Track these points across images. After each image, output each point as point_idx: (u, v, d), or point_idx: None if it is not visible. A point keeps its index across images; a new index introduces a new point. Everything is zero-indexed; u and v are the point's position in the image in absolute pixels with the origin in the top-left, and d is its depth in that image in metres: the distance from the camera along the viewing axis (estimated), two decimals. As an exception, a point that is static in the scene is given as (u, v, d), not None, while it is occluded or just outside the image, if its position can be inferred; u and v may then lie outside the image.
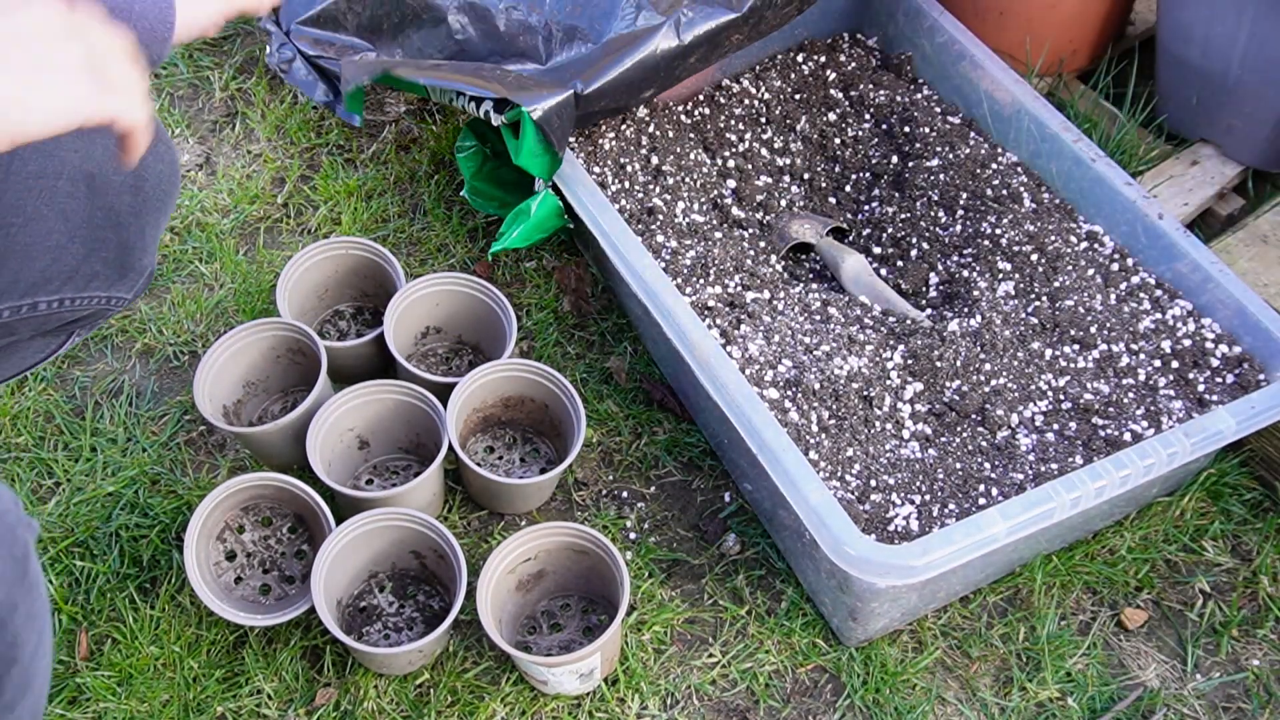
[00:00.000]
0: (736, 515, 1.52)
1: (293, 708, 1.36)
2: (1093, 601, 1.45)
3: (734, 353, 1.41)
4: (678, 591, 1.45)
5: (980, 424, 1.40)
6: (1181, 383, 1.42)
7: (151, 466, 1.55)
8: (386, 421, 1.50)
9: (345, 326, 1.70)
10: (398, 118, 1.94)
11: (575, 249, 1.79)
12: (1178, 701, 1.37)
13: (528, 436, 1.58)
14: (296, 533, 1.45)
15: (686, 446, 1.58)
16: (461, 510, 1.53)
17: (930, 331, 1.48)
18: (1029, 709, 1.36)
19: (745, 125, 1.77)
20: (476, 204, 1.70)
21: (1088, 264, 1.53)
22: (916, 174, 1.67)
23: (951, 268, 1.59)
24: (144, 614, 1.42)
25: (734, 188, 1.70)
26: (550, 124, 1.45)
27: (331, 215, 1.83)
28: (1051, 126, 1.60)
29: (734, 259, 1.55)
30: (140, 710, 1.35)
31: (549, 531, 1.34)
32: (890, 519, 1.30)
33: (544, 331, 1.69)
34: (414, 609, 1.41)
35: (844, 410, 1.38)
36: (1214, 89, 1.70)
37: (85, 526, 1.49)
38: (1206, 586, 1.46)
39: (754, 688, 1.38)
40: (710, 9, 1.51)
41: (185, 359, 1.68)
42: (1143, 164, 1.77)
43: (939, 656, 1.40)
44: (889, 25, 1.85)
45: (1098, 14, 1.83)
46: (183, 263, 1.78)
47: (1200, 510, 1.51)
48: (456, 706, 1.35)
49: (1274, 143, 1.69)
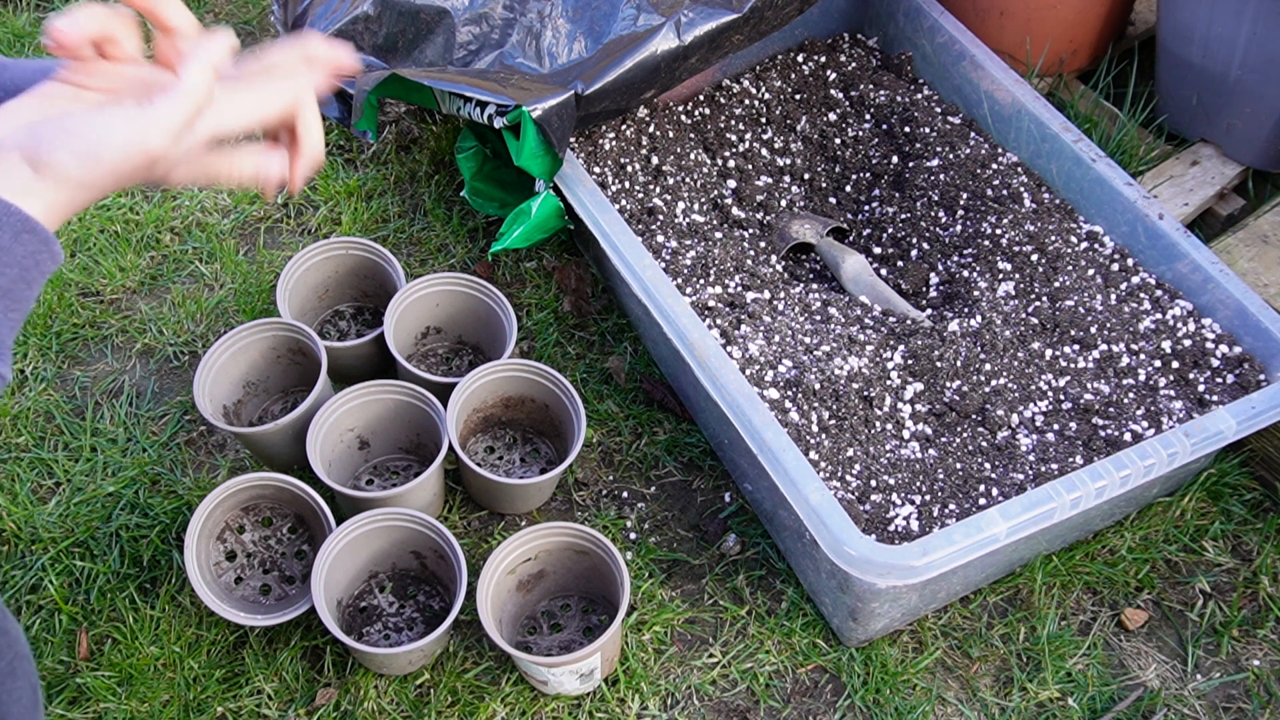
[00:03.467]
0: (736, 515, 1.52)
1: (293, 708, 1.36)
2: (1093, 601, 1.45)
3: (734, 353, 1.41)
4: (678, 591, 1.45)
5: (980, 424, 1.40)
6: (1182, 383, 1.42)
7: (151, 466, 1.55)
8: (386, 421, 1.50)
9: (345, 326, 1.70)
10: (398, 118, 1.94)
11: (575, 249, 1.79)
12: (1178, 702, 1.37)
13: (528, 436, 1.58)
14: (297, 533, 1.45)
15: (686, 446, 1.58)
16: (461, 510, 1.53)
17: (930, 331, 1.47)
18: (1029, 709, 1.36)
19: (745, 125, 1.77)
20: (476, 204, 1.70)
21: (1088, 264, 1.53)
22: (917, 174, 1.67)
23: (952, 268, 1.59)
24: (144, 614, 1.42)
25: (734, 188, 1.70)
26: (550, 124, 1.45)
27: (332, 215, 1.83)
28: (1052, 126, 1.60)
29: (734, 259, 1.55)
30: (140, 710, 1.35)
31: (549, 531, 1.34)
32: (890, 519, 1.30)
33: (544, 331, 1.69)
34: (414, 609, 1.41)
35: (844, 410, 1.38)
36: (1214, 89, 1.70)
37: (85, 526, 1.49)
38: (1207, 587, 1.46)
39: (754, 688, 1.38)
40: (710, 10, 1.51)
41: (185, 359, 1.68)
42: (1143, 164, 1.77)
43: (939, 657, 1.40)
44: (889, 25, 1.85)
45: (1098, 14, 1.83)
46: (183, 263, 1.78)
47: (1200, 510, 1.51)
48: (456, 707, 1.35)
49: (1274, 143, 1.69)
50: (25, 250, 0.67)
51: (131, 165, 0.68)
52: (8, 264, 0.66)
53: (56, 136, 0.67)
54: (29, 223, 0.67)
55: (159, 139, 0.68)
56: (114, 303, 1.74)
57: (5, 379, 0.69)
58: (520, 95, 1.45)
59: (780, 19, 1.58)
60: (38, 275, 0.69)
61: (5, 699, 0.90)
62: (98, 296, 1.75)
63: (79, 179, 0.67)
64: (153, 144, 0.68)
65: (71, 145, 0.67)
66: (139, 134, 0.67)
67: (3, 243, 0.66)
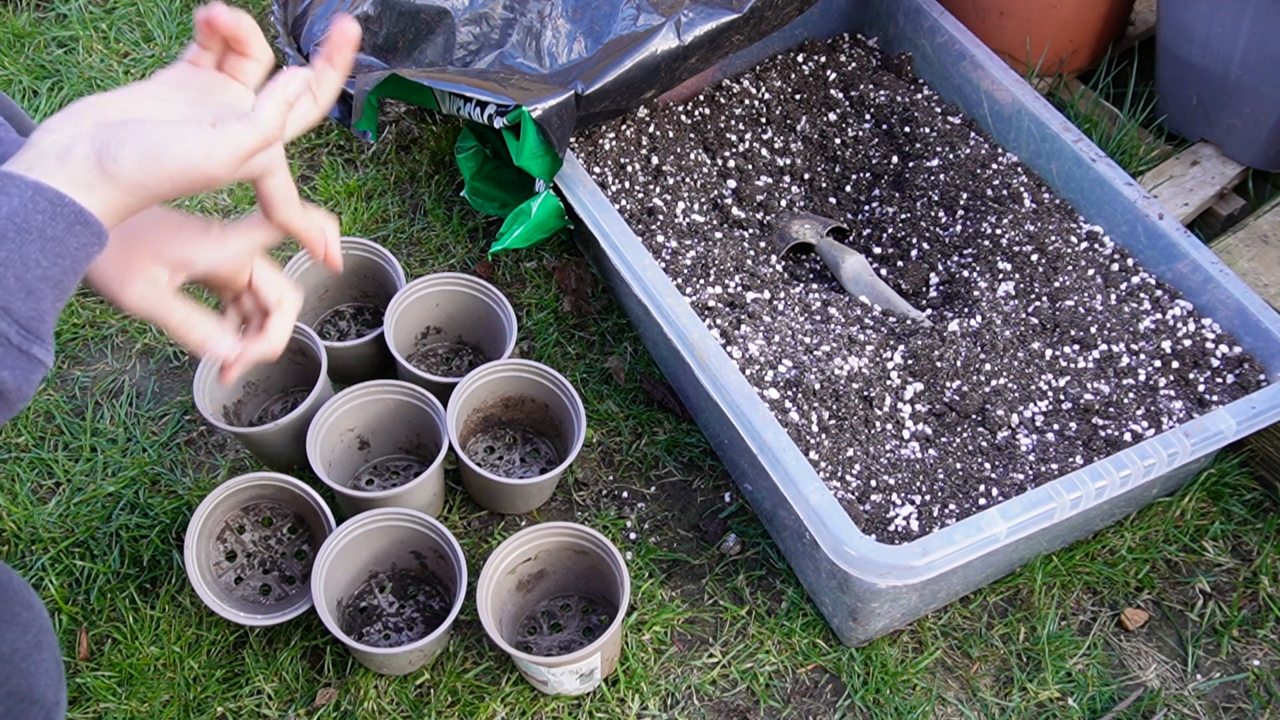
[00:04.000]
0: (736, 515, 1.52)
1: (293, 708, 1.36)
2: (1093, 602, 1.45)
3: (734, 353, 1.41)
4: (678, 591, 1.45)
5: (980, 424, 1.40)
6: (1182, 383, 1.42)
7: (151, 466, 1.55)
8: (386, 421, 1.50)
9: (345, 326, 1.70)
10: (398, 118, 1.94)
11: (575, 249, 1.79)
12: (1178, 702, 1.37)
13: (528, 436, 1.58)
14: (297, 533, 1.45)
15: (686, 446, 1.58)
16: (461, 510, 1.53)
17: (930, 331, 1.47)
18: (1029, 709, 1.36)
19: (745, 125, 1.77)
20: (476, 204, 1.70)
21: (1088, 264, 1.53)
22: (917, 174, 1.67)
23: (952, 268, 1.59)
24: (144, 614, 1.42)
25: (734, 188, 1.70)
26: (550, 124, 1.45)
27: (332, 215, 1.83)
28: (1052, 126, 1.60)
29: (734, 259, 1.55)
30: (140, 710, 1.35)
31: (549, 531, 1.34)
32: (890, 519, 1.30)
33: (544, 331, 1.69)
34: (414, 609, 1.41)
35: (844, 410, 1.38)
36: (1214, 89, 1.70)
37: (85, 526, 1.49)
38: (1207, 587, 1.46)
39: (754, 688, 1.38)
40: (711, 10, 1.51)
41: (185, 359, 1.68)
42: (1143, 164, 1.77)
43: (939, 657, 1.40)
44: (889, 25, 1.85)
45: (1098, 14, 1.83)
46: (183, 263, 1.78)
47: (1200, 510, 1.51)
48: (456, 707, 1.35)
49: (1274, 143, 1.69)
50: (78, 242, 0.69)
51: (188, 178, 0.70)
52: (60, 254, 0.69)
53: (131, 135, 0.69)
54: (83, 214, 0.69)
55: (221, 160, 0.70)
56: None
57: (48, 366, 0.72)
58: (520, 95, 1.45)
59: (780, 19, 1.58)
60: (85, 267, 0.71)
61: (33, 670, 0.91)
62: (98, 296, 1.75)
63: (138, 179, 0.69)
64: (214, 162, 0.70)
65: (139, 144, 0.69)
66: (204, 149, 0.69)
67: (57, 233, 0.68)
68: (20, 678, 0.89)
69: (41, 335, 0.70)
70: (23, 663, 0.90)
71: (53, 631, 0.95)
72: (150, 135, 0.69)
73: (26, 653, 0.90)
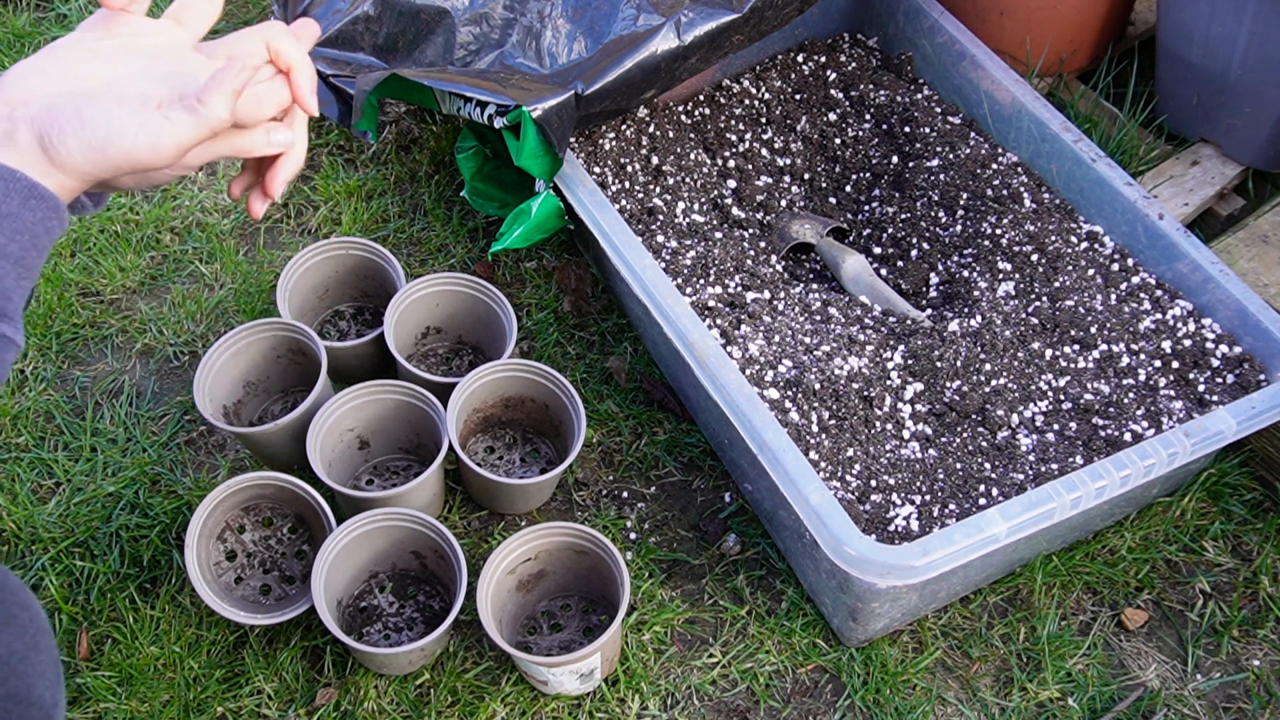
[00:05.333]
0: (736, 515, 1.52)
1: (293, 708, 1.36)
2: (1093, 601, 1.45)
3: (734, 353, 1.41)
4: (678, 591, 1.45)
5: (980, 424, 1.40)
6: (1182, 383, 1.42)
7: (151, 466, 1.55)
8: (386, 421, 1.50)
9: (345, 326, 1.70)
10: (398, 118, 1.94)
11: (575, 249, 1.79)
12: (1178, 702, 1.37)
13: (528, 436, 1.58)
14: (297, 533, 1.45)
15: (686, 446, 1.58)
16: (461, 510, 1.53)
17: (930, 331, 1.47)
18: (1029, 709, 1.36)
19: (745, 125, 1.77)
20: (476, 204, 1.70)
21: (1088, 264, 1.53)
22: (917, 174, 1.67)
23: (952, 268, 1.59)
24: (144, 614, 1.42)
25: (734, 188, 1.70)
26: (550, 124, 1.45)
27: (331, 215, 1.83)
28: (1052, 126, 1.60)
29: (734, 259, 1.55)
30: (140, 710, 1.35)
31: (549, 531, 1.34)
32: (890, 519, 1.30)
33: (544, 331, 1.69)
34: (414, 609, 1.41)
35: (844, 410, 1.38)
36: (1214, 89, 1.70)
37: (85, 526, 1.49)
38: (1207, 587, 1.46)
39: (754, 688, 1.38)
40: (711, 10, 1.51)
41: (185, 359, 1.68)
42: (1143, 164, 1.77)
43: (939, 657, 1.40)
44: (889, 25, 1.85)
45: (1098, 14, 1.83)
46: (183, 263, 1.78)
47: (1200, 510, 1.51)
48: (456, 707, 1.35)
49: (1274, 143, 1.69)
50: (34, 216, 0.69)
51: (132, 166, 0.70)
52: (18, 230, 0.68)
53: (71, 123, 0.68)
54: (36, 188, 0.68)
55: (166, 151, 0.70)
56: (114, 303, 1.74)
57: (18, 345, 0.71)
58: (520, 95, 1.45)
59: (780, 19, 1.58)
60: (47, 242, 0.71)
61: (30, 672, 0.90)
62: (98, 296, 1.75)
63: (85, 170, 0.69)
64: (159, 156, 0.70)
65: (83, 136, 0.68)
66: (148, 142, 0.69)
67: (11, 209, 0.68)
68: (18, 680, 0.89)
69: (9, 314, 0.69)
70: (20, 665, 0.89)
71: (50, 633, 0.95)
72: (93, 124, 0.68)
73: (24, 655, 0.90)
